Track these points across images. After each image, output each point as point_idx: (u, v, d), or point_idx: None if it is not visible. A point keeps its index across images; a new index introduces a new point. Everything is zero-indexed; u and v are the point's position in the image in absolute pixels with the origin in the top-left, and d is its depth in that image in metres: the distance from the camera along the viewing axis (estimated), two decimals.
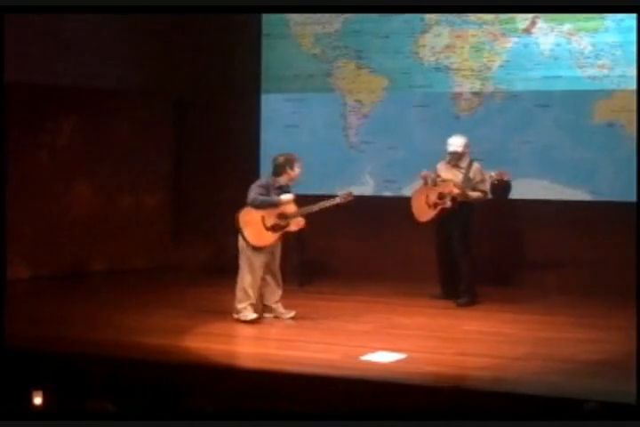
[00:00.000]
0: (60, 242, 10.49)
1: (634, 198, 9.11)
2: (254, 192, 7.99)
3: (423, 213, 8.87)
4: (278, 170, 8.11)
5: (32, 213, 10.23)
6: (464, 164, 8.80)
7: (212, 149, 11.01)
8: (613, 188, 9.53)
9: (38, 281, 10.15)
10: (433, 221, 8.86)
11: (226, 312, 8.32)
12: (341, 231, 10.61)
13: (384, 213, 10.31)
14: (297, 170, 8.12)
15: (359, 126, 10.58)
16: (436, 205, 8.76)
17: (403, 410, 5.62)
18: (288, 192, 8.11)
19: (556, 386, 6.03)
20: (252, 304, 8.01)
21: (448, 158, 8.88)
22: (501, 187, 8.81)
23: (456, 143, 8.81)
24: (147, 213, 11.25)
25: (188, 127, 11.41)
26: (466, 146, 8.82)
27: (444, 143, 8.97)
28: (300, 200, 9.77)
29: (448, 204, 8.67)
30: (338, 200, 8.19)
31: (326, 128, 10.68)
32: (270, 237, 8.02)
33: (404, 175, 10.16)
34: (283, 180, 8.11)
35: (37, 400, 5.17)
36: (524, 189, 9.79)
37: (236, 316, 8.02)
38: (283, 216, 8.02)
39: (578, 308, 8.83)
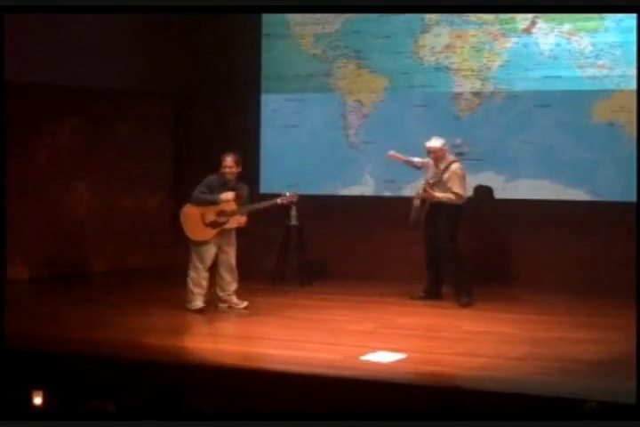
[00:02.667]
0: (59, 242, 10.49)
1: (634, 198, 9.11)
2: (197, 190, 8.37)
3: (412, 213, 9.03)
4: (219, 168, 8.42)
5: (32, 213, 10.23)
6: (443, 165, 8.85)
7: (212, 148, 10.99)
8: (613, 188, 9.53)
9: (38, 281, 10.15)
10: (416, 220, 8.98)
11: (226, 312, 8.34)
12: (341, 231, 10.61)
13: (384, 213, 10.30)
14: (221, 170, 8.34)
15: (359, 126, 10.58)
16: (414, 205, 8.98)
17: (403, 410, 5.62)
18: (234, 190, 8.36)
19: (556, 386, 6.03)
20: (200, 295, 8.39)
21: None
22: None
23: (429, 143, 8.91)
24: (147, 213, 11.25)
25: (188, 127, 11.41)
26: (439, 148, 8.86)
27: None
28: (298, 200, 9.79)
29: (416, 203, 8.91)
30: (279, 201, 8.54)
31: (326, 128, 10.68)
32: (208, 233, 8.35)
33: (403, 175, 10.15)
34: (228, 176, 8.38)
35: (37, 400, 5.17)
36: (524, 189, 9.81)
37: (187, 306, 8.38)
38: (222, 214, 8.33)
39: (578, 308, 8.83)
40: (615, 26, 9.51)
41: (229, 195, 8.30)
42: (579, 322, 8.14)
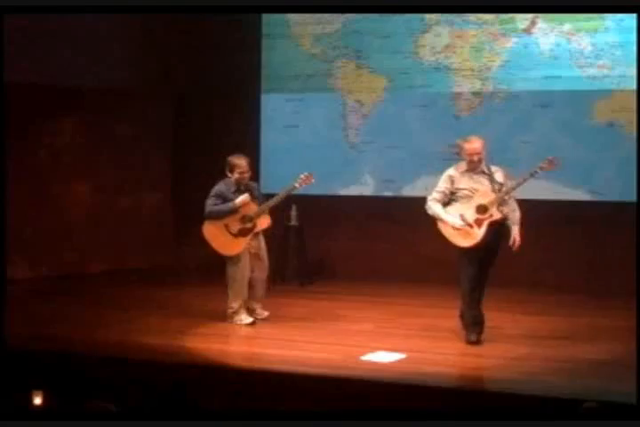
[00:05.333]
0: (60, 242, 10.49)
1: (634, 198, 9.11)
2: (208, 203, 7.89)
3: (467, 234, 7.26)
4: (227, 172, 7.98)
5: (32, 213, 10.24)
6: (485, 168, 7.36)
7: (212, 148, 11.00)
8: (613, 188, 9.53)
9: (38, 281, 10.15)
10: (485, 238, 7.25)
11: (225, 312, 8.35)
12: (341, 231, 10.61)
13: (384, 213, 10.30)
14: (235, 175, 7.88)
15: (359, 126, 10.58)
16: (479, 221, 7.26)
17: (403, 410, 5.62)
18: (247, 191, 7.91)
19: (556, 386, 6.03)
20: (245, 308, 7.98)
21: (468, 165, 7.32)
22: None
23: (472, 144, 7.28)
24: (147, 213, 11.25)
25: (188, 127, 11.41)
26: (482, 148, 7.30)
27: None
28: (298, 200, 9.78)
29: (497, 214, 7.27)
30: (296, 184, 7.94)
31: (326, 128, 10.67)
32: (241, 242, 7.88)
33: (404, 175, 10.17)
34: (243, 181, 7.92)
35: (37, 400, 5.17)
36: (524, 189, 9.77)
37: (230, 321, 7.95)
38: (246, 219, 7.87)
39: (578, 308, 8.83)
40: (615, 26, 9.51)
41: (244, 197, 7.82)
42: (579, 322, 8.15)
